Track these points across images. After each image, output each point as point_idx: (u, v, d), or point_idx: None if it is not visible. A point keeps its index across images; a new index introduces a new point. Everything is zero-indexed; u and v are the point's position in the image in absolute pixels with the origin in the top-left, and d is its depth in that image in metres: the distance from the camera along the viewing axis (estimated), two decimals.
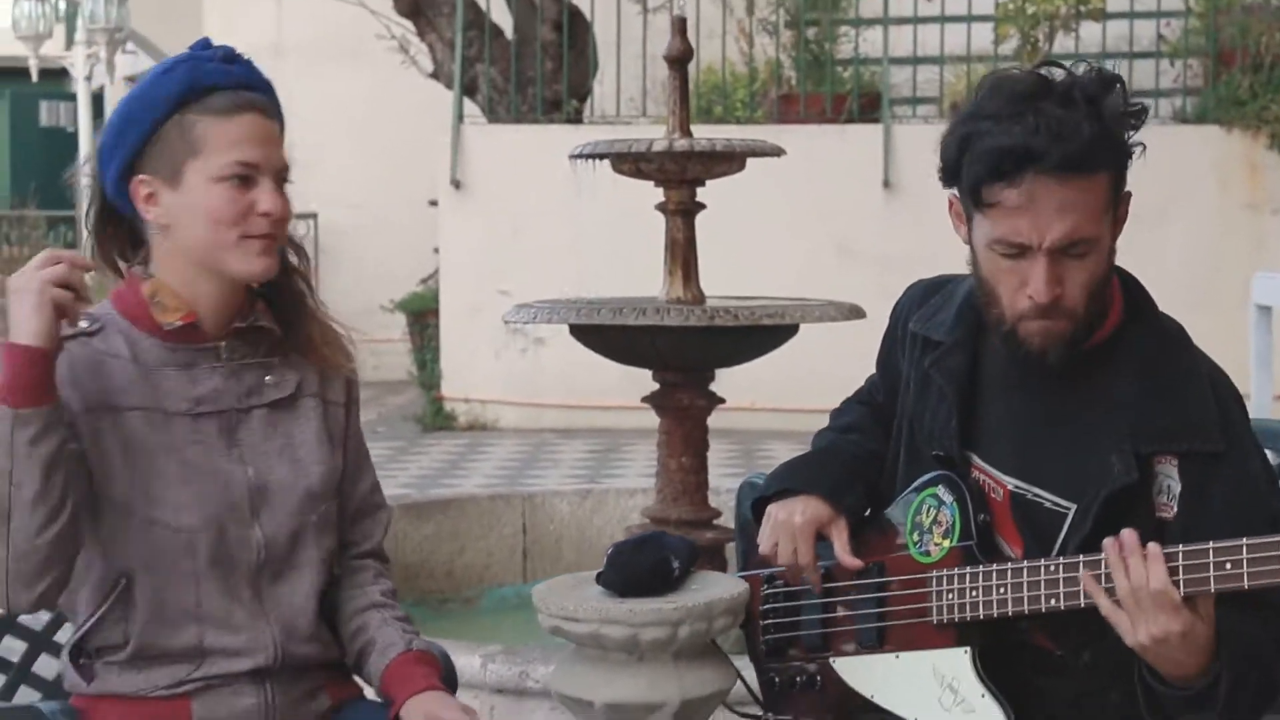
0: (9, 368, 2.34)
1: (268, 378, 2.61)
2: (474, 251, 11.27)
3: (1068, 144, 2.36)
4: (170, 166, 2.49)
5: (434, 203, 12.36)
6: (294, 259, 2.67)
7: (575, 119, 11.78)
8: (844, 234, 10.72)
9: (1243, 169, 10.85)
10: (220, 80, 2.50)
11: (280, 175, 2.54)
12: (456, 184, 11.27)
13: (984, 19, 11.40)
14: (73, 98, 19.52)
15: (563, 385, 10.95)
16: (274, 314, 2.63)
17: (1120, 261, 2.55)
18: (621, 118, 11.61)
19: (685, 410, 4.99)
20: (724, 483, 5.72)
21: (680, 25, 5.05)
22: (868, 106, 11.38)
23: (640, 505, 6.15)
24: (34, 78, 12.34)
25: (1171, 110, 11.37)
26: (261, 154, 2.50)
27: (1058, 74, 2.44)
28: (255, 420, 2.59)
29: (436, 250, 12.61)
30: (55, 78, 18.82)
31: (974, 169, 2.43)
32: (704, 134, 5.20)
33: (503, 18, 11.94)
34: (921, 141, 2.63)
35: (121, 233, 2.61)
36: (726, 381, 5.14)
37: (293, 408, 2.63)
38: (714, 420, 5.13)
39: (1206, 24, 11.32)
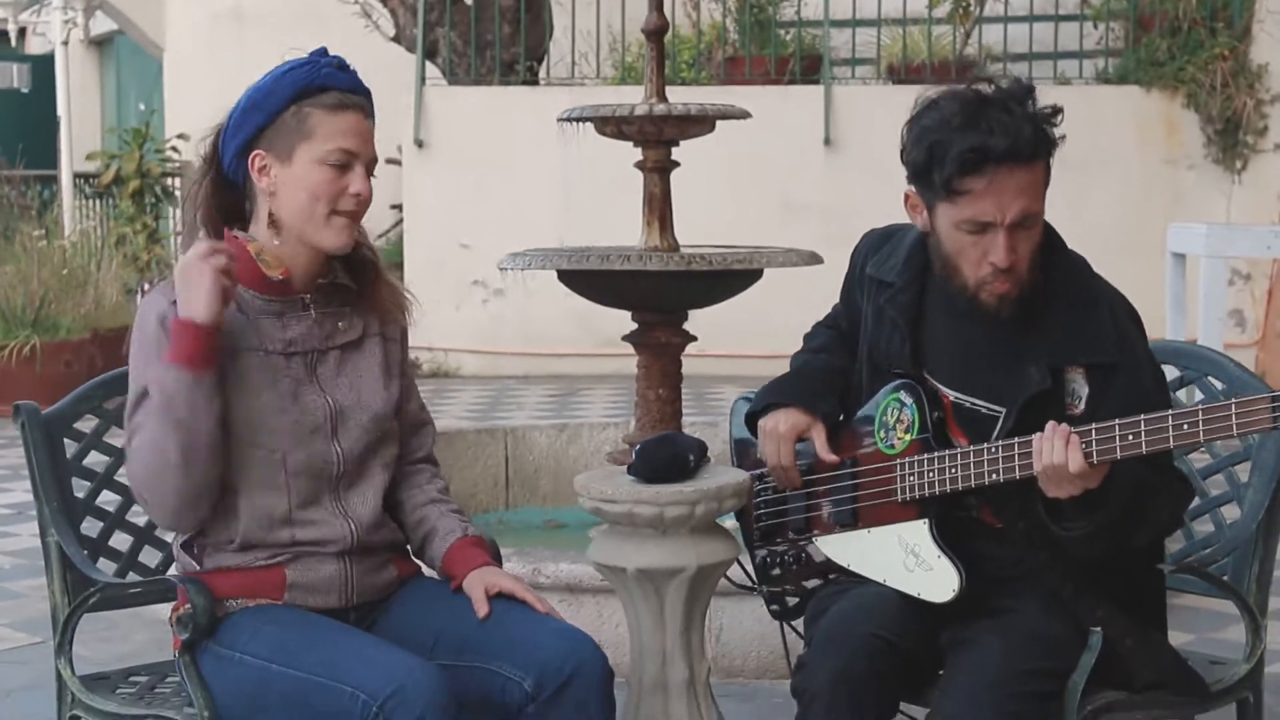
0: (186, 339, 2.88)
1: (340, 324, 3.13)
2: (436, 208, 11.53)
3: (1016, 140, 2.94)
4: (284, 146, 3.00)
5: (393, 161, 12.65)
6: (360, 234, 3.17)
7: (532, 80, 12.05)
8: (788, 188, 11.04)
9: (1161, 126, 11.27)
10: (332, 82, 3.02)
11: (370, 165, 3.06)
12: (420, 143, 11.55)
13: None
14: (24, 59, 19.59)
15: (522, 334, 11.31)
16: (350, 273, 3.16)
17: (1049, 211, 3.11)
18: (576, 79, 11.93)
19: (663, 346, 5.50)
20: (691, 417, 6.20)
21: (657, 2, 5.51)
22: (809, 68, 11.74)
23: (611, 439, 6.56)
24: (13, 44, 12.61)
25: (1095, 71, 11.76)
26: (359, 145, 3.03)
27: (987, 89, 3.03)
28: (331, 358, 3.11)
29: (395, 207, 12.89)
30: (5, 39, 18.86)
31: (946, 168, 2.98)
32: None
33: None
34: (860, 101, 3.14)
35: (225, 200, 3.14)
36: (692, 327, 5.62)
37: (360, 347, 3.15)
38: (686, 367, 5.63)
39: None
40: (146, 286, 12.55)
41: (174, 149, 13.21)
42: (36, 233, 10.44)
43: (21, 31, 12.80)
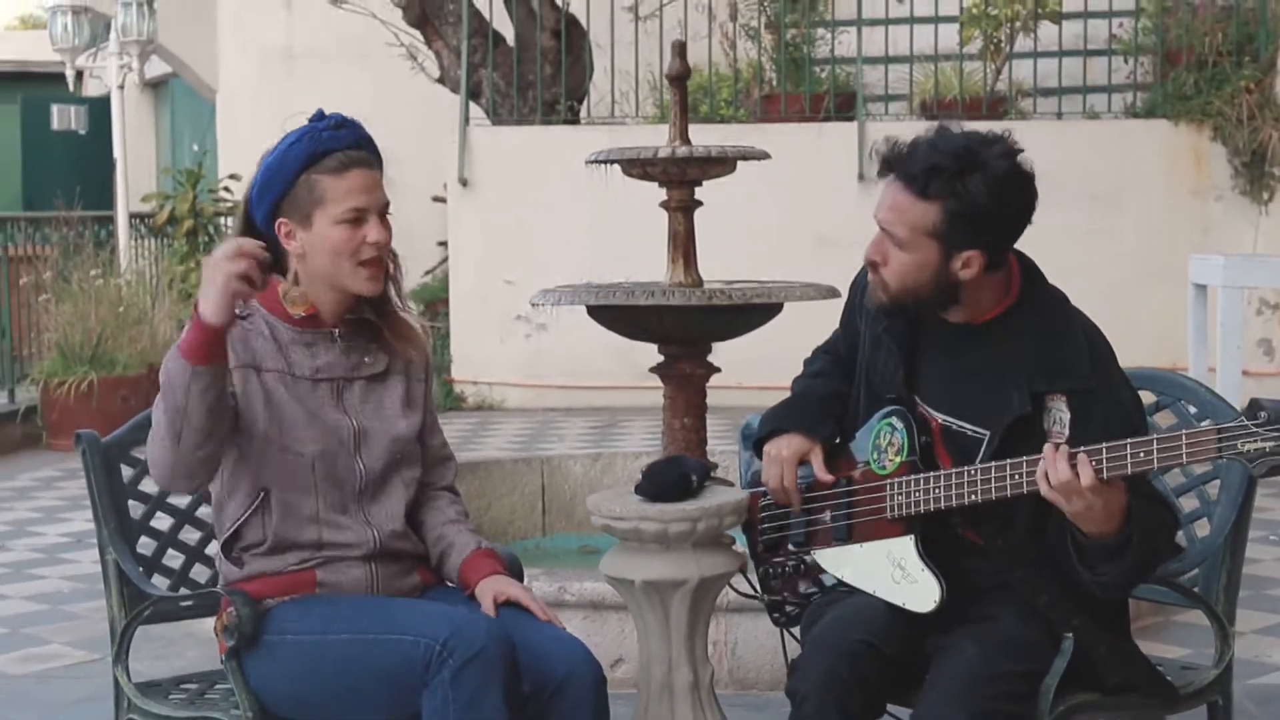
0: (192, 333, 3.15)
1: (366, 358, 3.44)
2: (480, 244, 11.78)
3: (906, 166, 3.24)
4: (302, 214, 3.32)
5: (439, 199, 12.90)
6: (391, 268, 3.47)
7: (573, 120, 12.33)
8: (822, 224, 11.24)
9: (1189, 159, 11.42)
10: (334, 145, 3.32)
11: (383, 211, 3.37)
12: (464, 182, 11.80)
13: (950, 20, 11.95)
14: (81, 101, 19.94)
15: (564, 368, 11.54)
16: (373, 310, 3.46)
17: (1082, 242, 3.38)
18: (616, 118, 12.18)
19: (687, 378, 5.75)
20: (719, 445, 6.47)
21: (680, 49, 5.71)
22: (843, 105, 12.00)
23: (645, 466, 6.85)
24: (70, 87, 12.94)
25: (1123, 105, 11.94)
26: (368, 199, 3.34)
27: (964, 134, 3.29)
28: (356, 387, 3.42)
29: (441, 244, 13.16)
30: (64, 82, 19.26)
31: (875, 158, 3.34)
32: (692, 131, 5.78)
33: (505, 26, 12.47)
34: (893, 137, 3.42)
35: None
36: (722, 360, 5.86)
37: (384, 380, 3.46)
38: (710, 398, 5.89)
39: (1156, 24, 11.89)
40: None
41: (226, 189, 13.55)
42: (94, 272, 10.76)
43: (79, 74, 13.14)
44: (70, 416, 10.10)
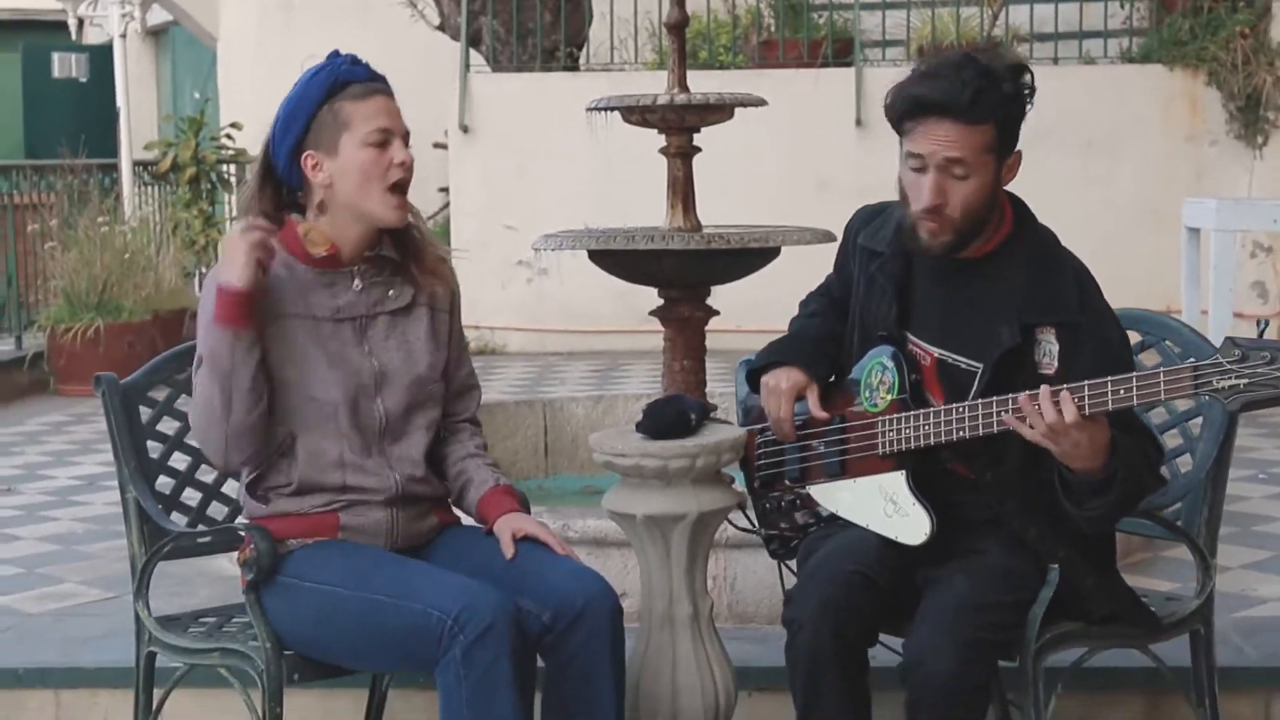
0: (225, 303, 3.32)
1: (390, 292, 3.55)
2: (481, 191, 11.83)
3: (951, 98, 3.32)
4: (329, 141, 3.42)
5: (439, 145, 12.94)
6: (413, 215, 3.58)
7: (572, 66, 12.39)
8: (822, 169, 11.30)
9: (1184, 104, 11.47)
10: (352, 76, 3.44)
11: (405, 138, 3.48)
12: (465, 129, 11.86)
13: None
14: (82, 49, 20.01)
15: (564, 312, 11.62)
16: (395, 245, 3.57)
17: (1078, 186, 3.45)
18: (615, 64, 12.22)
19: (686, 320, 5.85)
20: (718, 387, 6.57)
21: None
22: (841, 51, 12.02)
23: (646, 405, 6.95)
24: (73, 36, 13.01)
25: (1119, 50, 11.97)
26: (392, 122, 3.45)
27: (981, 55, 3.40)
28: (379, 324, 3.53)
29: (442, 190, 13.25)
30: (64, 30, 19.28)
31: (897, 109, 3.41)
32: (690, 78, 5.84)
33: None
34: (890, 82, 3.49)
35: (275, 194, 3.55)
36: (721, 304, 5.95)
37: (408, 314, 3.57)
38: (709, 341, 5.99)
39: None
40: (204, 270, 13.02)
41: (228, 136, 13.61)
42: (99, 219, 10.85)
43: (79, 22, 13.19)
44: (77, 362, 10.22)
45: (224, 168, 13.68)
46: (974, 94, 3.32)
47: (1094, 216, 10.85)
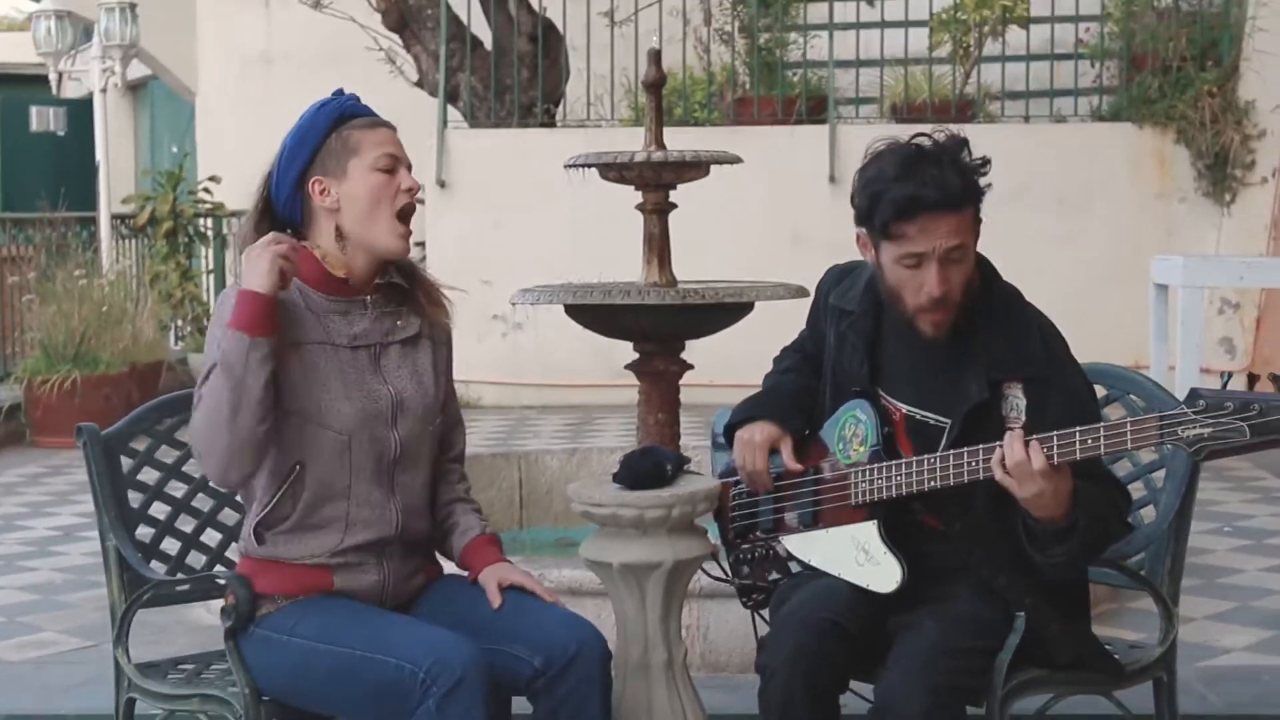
0: (246, 308, 3.32)
1: (399, 322, 3.58)
2: (458, 245, 11.90)
3: (944, 191, 3.39)
4: (337, 166, 3.47)
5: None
6: None
7: (549, 123, 12.48)
8: (796, 224, 11.42)
9: (1153, 162, 11.63)
10: (358, 110, 3.53)
11: (409, 168, 3.54)
12: (442, 184, 11.96)
13: (920, 24, 12.11)
14: (60, 103, 20.04)
15: (539, 366, 11.72)
16: (401, 275, 3.62)
17: (1048, 243, 3.50)
18: (592, 121, 12.35)
19: (661, 374, 5.94)
20: (691, 440, 6.65)
21: (655, 57, 5.91)
22: (815, 108, 12.19)
23: (618, 464, 7.01)
24: (54, 90, 13.07)
25: (1090, 108, 12.14)
26: (399, 150, 3.52)
27: (927, 143, 3.48)
28: (393, 352, 3.57)
29: (419, 244, 13.34)
30: (43, 84, 19.29)
31: (884, 213, 3.44)
32: (666, 134, 5.96)
33: (482, 30, 12.60)
34: (864, 139, 3.51)
35: (273, 228, 3.57)
36: (695, 360, 6.03)
37: (416, 344, 3.60)
38: (684, 396, 6.07)
39: (1122, 29, 12.11)
40: (180, 323, 13.08)
41: (206, 190, 13.70)
42: (77, 272, 10.91)
43: (59, 76, 13.27)
44: (54, 414, 10.27)
45: (201, 221, 13.75)
46: (961, 183, 3.41)
47: (1064, 272, 10.97)
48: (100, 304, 10.75)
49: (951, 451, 3.41)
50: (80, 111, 18.58)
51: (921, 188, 3.39)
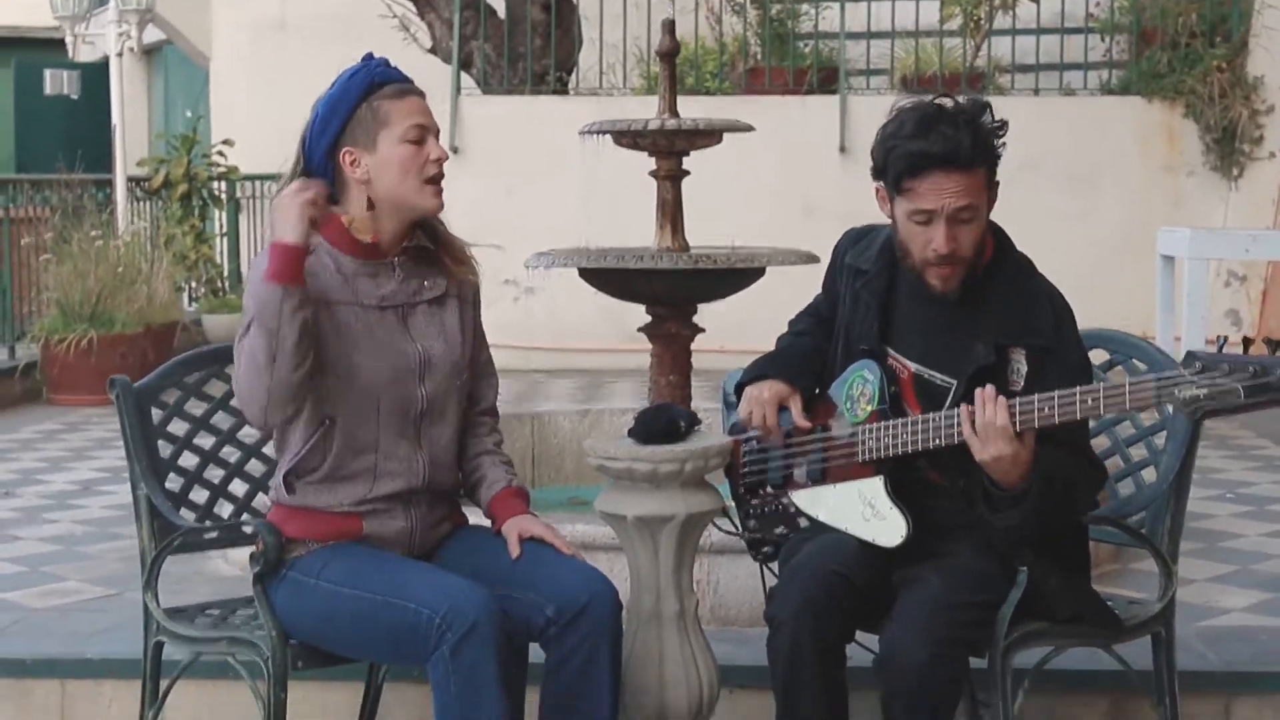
0: (277, 259, 3.43)
1: (426, 282, 3.70)
2: (471, 211, 11.83)
3: (955, 150, 3.50)
4: (367, 137, 3.57)
5: None
6: None
7: (562, 90, 12.56)
8: (807, 193, 11.49)
9: (1162, 136, 11.72)
10: (387, 77, 3.62)
11: (437, 134, 3.66)
12: (455, 150, 11.93)
13: None
14: (74, 67, 20.14)
15: (551, 330, 11.83)
16: (428, 238, 3.73)
17: (1057, 215, 3.58)
18: (604, 89, 12.43)
19: (674, 337, 6.06)
20: (703, 404, 6.72)
21: (669, 27, 6.03)
22: (826, 79, 12.24)
23: (630, 422, 7.12)
24: (70, 53, 13.17)
25: (1099, 82, 12.21)
26: (427, 119, 3.63)
27: (948, 103, 3.58)
28: (420, 312, 3.68)
29: None
30: (57, 47, 19.39)
31: (896, 168, 3.55)
32: (679, 102, 6.08)
33: None
34: (875, 111, 3.58)
35: None
36: (706, 325, 6.14)
37: (443, 304, 3.72)
38: (695, 361, 6.17)
39: (1132, 4, 12.18)
40: (194, 285, 13.18)
41: (220, 154, 13.79)
42: (93, 233, 11.01)
43: (74, 39, 13.34)
44: (70, 373, 10.37)
45: (215, 185, 13.85)
46: (972, 142, 3.51)
47: (1073, 244, 11.04)
48: (116, 265, 10.84)
49: (956, 410, 3.51)
50: (94, 75, 18.70)
51: (933, 145, 3.50)
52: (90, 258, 10.77)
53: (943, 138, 3.51)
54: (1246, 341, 3.17)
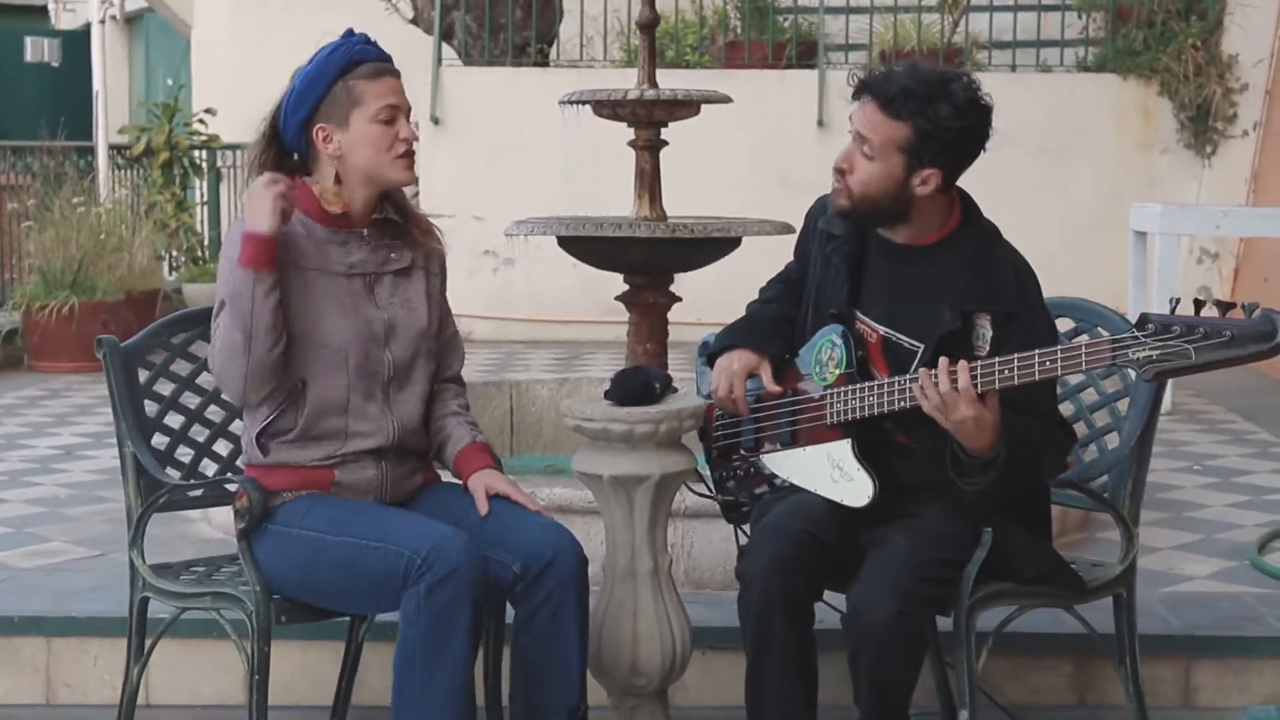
0: (250, 248, 3.58)
1: (393, 254, 3.83)
2: (451, 181, 12.02)
3: (882, 88, 3.64)
4: (340, 115, 3.70)
5: None
6: None
7: (543, 62, 12.64)
8: (785, 167, 11.50)
9: (1137, 113, 11.83)
10: (365, 55, 3.73)
11: (408, 114, 3.77)
12: (435, 120, 12.09)
13: None
14: (55, 34, 20.18)
15: (529, 301, 11.93)
16: (395, 211, 3.85)
17: (1033, 191, 3.66)
18: (584, 61, 12.50)
19: (651, 306, 6.15)
20: (679, 374, 6.79)
21: None
22: (805, 53, 12.32)
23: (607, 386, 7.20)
24: (53, 20, 13.21)
25: (1075, 59, 12.31)
26: (399, 99, 3.75)
27: (936, 65, 3.69)
28: (386, 281, 3.81)
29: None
30: (37, 15, 19.37)
31: (852, 89, 3.73)
32: (658, 76, 6.17)
33: None
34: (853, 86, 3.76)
35: (279, 159, 3.83)
36: (683, 296, 6.23)
37: (409, 274, 3.85)
38: (672, 333, 6.27)
39: None
40: (175, 253, 13.23)
41: (201, 122, 13.82)
42: (75, 200, 11.06)
43: (56, 6, 13.38)
44: (51, 339, 10.43)
45: (196, 153, 13.89)
46: (899, 91, 3.63)
47: (1048, 220, 11.16)
48: (98, 232, 10.89)
49: (919, 373, 3.60)
50: (74, 43, 18.68)
51: (871, 76, 3.68)
52: (72, 225, 10.83)
53: (883, 76, 3.66)
54: (1198, 304, 3.27)
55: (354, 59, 3.71)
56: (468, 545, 3.54)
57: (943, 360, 3.50)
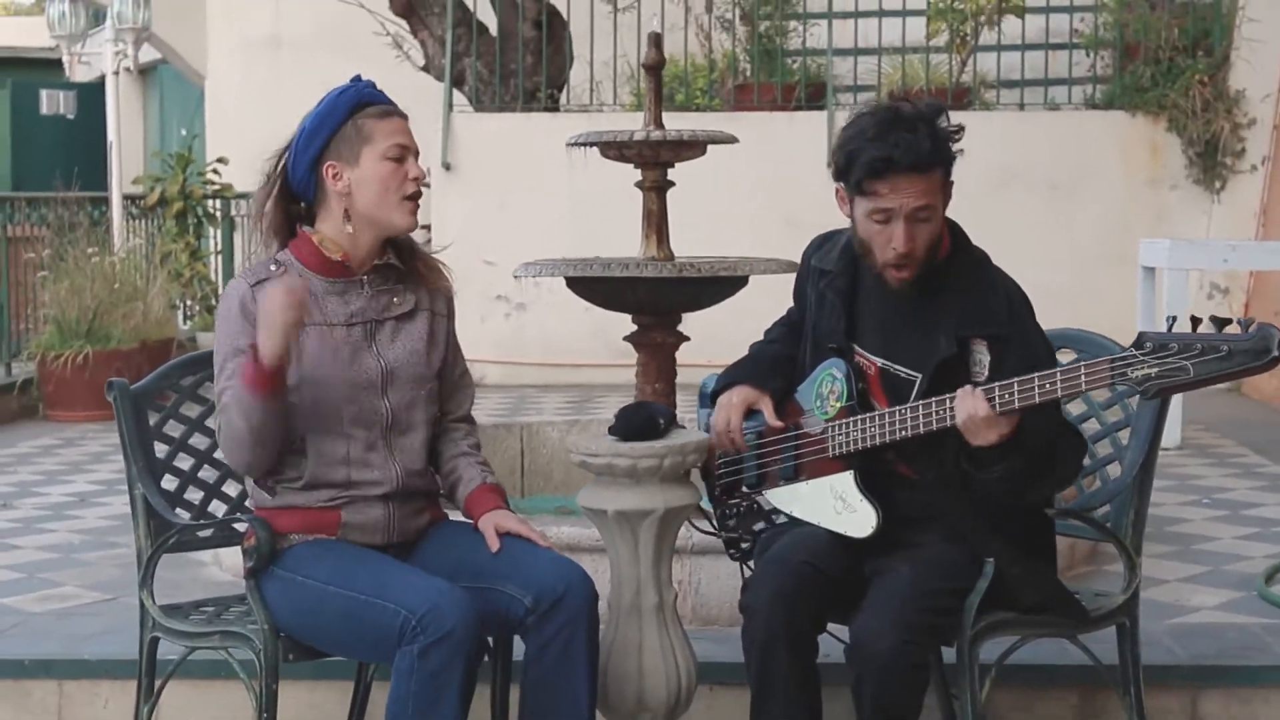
0: (251, 373, 3.60)
1: (394, 299, 3.86)
2: (462, 227, 11.91)
3: (915, 154, 3.63)
4: (350, 153, 3.74)
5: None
6: None
7: (553, 107, 12.69)
8: (792, 208, 11.38)
9: (1145, 150, 11.84)
10: (374, 98, 3.78)
11: (417, 155, 3.81)
12: (447, 166, 12.15)
13: (917, 13, 12.32)
14: (70, 87, 20.30)
15: (541, 346, 11.95)
16: (398, 256, 3.89)
17: (1042, 227, 3.66)
18: (594, 105, 12.56)
19: (659, 346, 6.18)
20: (686, 414, 6.84)
21: (655, 40, 6.15)
22: (814, 95, 12.36)
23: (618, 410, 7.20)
24: (67, 72, 13.32)
25: (1083, 97, 12.34)
26: (409, 140, 3.79)
27: (906, 108, 3.72)
28: (387, 327, 3.84)
29: (424, 226, 13.53)
30: (52, 68, 19.48)
31: (858, 171, 3.68)
32: (667, 119, 6.20)
33: (488, 16, 12.82)
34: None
35: (291, 211, 3.87)
36: (691, 337, 6.26)
37: (411, 319, 3.88)
38: (680, 375, 6.30)
39: (1115, 19, 12.32)
40: (189, 302, 13.30)
41: (215, 172, 13.92)
42: (90, 250, 11.13)
43: (71, 59, 13.47)
44: (66, 389, 10.48)
45: (210, 202, 13.98)
46: (931, 146, 3.65)
47: (1057, 257, 11.20)
48: (112, 281, 10.95)
49: (920, 403, 3.64)
50: (89, 95, 18.85)
51: (893, 149, 3.63)
52: (86, 275, 10.88)
53: (904, 142, 3.64)
54: (1195, 320, 3.31)
55: (363, 100, 3.77)
56: (467, 606, 3.56)
57: (966, 388, 3.54)
